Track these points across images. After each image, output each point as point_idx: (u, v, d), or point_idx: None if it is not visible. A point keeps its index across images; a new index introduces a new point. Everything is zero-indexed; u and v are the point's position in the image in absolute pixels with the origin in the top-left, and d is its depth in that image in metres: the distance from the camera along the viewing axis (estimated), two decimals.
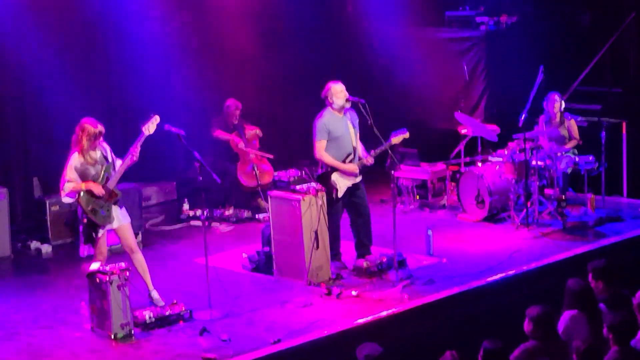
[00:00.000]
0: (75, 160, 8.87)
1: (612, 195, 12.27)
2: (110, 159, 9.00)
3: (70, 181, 8.85)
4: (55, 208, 11.52)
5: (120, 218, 9.04)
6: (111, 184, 8.91)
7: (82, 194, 8.83)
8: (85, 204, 8.85)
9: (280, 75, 14.32)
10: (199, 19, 13.61)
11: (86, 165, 8.87)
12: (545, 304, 6.99)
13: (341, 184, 9.96)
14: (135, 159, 8.88)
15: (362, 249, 10.13)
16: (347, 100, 9.93)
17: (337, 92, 9.93)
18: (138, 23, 12.69)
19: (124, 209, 9.10)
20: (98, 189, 8.83)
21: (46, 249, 11.44)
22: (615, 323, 6.70)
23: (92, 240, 8.95)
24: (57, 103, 12.21)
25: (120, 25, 12.55)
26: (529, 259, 10.20)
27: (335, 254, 10.05)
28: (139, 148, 8.86)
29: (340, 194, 9.97)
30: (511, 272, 9.83)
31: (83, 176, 8.87)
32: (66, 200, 9.01)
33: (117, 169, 8.95)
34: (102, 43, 12.62)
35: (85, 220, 8.88)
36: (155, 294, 9.17)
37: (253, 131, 12.65)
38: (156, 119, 8.95)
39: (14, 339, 8.65)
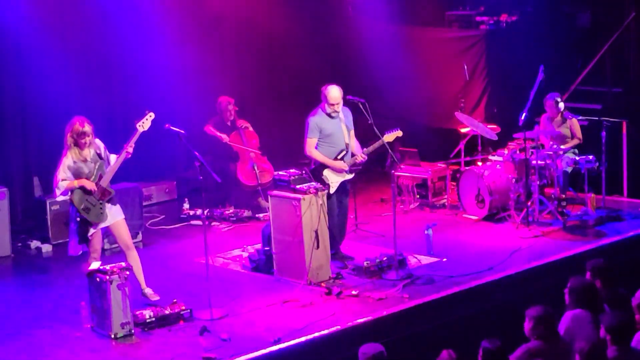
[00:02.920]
0: (67, 159, 8.86)
1: (613, 194, 12.25)
2: (104, 157, 8.99)
3: (64, 180, 8.84)
4: (56, 207, 11.50)
5: (114, 215, 9.02)
6: (104, 182, 8.87)
7: (74, 192, 8.82)
8: (77, 202, 8.82)
9: (281, 75, 14.31)
10: (198, 20, 13.61)
11: (79, 164, 8.85)
12: (545, 304, 6.98)
13: (333, 179, 9.97)
14: (129, 155, 8.87)
15: (331, 240, 9.91)
16: (346, 99, 9.95)
17: (331, 98, 9.88)
18: (138, 23, 12.68)
19: (118, 205, 9.08)
20: (90, 185, 8.81)
21: (46, 248, 11.43)
22: (612, 323, 6.69)
23: (85, 240, 8.95)
24: (58, 102, 12.20)
25: (119, 25, 12.54)
26: (529, 258, 10.20)
27: (335, 252, 10.05)
28: (133, 144, 8.86)
29: (332, 190, 9.97)
30: (511, 272, 9.83)
31: (77, 175, 8.85)
32: (60, 198, 9.00)
33: (111, 165, 8.95)
34: (102, 42, 12.60)
35: (78, 219, 8.88)
36: (148, 290, 9.20)
37: (244, 125, 12.60)
38: (151, 116, 8.96)
39: (14, 339, 8.64)
